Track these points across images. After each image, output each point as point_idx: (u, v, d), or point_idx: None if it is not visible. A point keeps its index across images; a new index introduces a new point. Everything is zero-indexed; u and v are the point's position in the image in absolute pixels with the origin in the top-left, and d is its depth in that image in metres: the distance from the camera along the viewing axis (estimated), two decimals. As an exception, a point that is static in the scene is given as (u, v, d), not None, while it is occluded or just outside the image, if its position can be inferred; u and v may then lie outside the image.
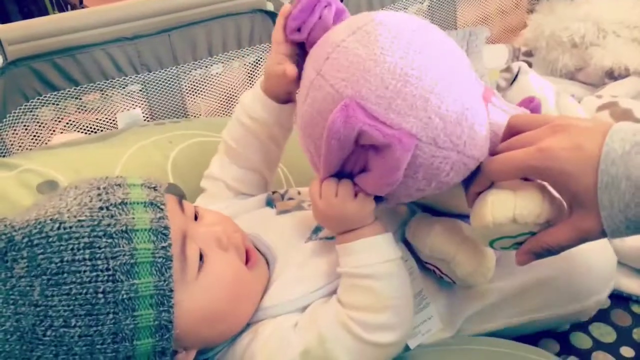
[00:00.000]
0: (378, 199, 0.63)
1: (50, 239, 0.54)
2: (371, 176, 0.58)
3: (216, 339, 0.64)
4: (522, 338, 0.77)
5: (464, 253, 0.67)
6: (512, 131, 0.61)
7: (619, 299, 0.88)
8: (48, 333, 0.53)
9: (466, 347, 0.70)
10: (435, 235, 0.68)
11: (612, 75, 1.28)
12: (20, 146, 1.01)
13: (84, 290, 0.53)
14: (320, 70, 0.59)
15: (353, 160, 0.59)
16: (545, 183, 0.58)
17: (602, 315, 0.85)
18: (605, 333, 0.82)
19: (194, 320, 0.60)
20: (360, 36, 0.57)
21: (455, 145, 0.57)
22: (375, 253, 0.62)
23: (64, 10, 2.06)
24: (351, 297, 0.62)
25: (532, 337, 0.81)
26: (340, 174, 0.61)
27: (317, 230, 0.72)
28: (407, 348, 0.68)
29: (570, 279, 0.76)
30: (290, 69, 0.71)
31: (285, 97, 0.76)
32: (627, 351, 0.79)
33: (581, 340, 0.81)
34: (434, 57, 0.56)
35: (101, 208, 0.56)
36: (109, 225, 0.55)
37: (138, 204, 0.58)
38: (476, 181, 0.61)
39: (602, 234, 0.54)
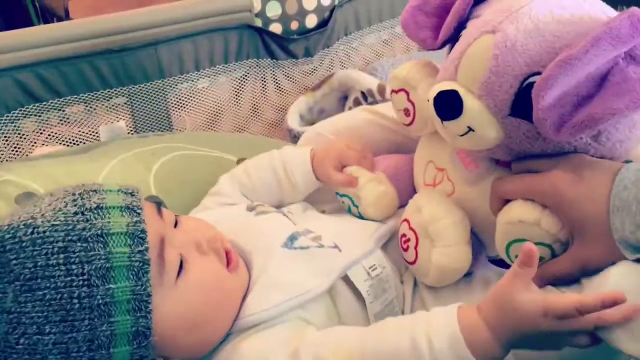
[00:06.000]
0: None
1: (24, 244, 0.53)
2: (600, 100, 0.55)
3: (196, 348, 0.62)
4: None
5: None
6: None
7: None
8: (21, 341, 0.51)
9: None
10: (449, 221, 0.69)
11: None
12: (-1, 157, 1.00)
13: (59, 296, 0.52)
14: None
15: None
16: None
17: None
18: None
19: (173, 327, 0.58)
20: None
21: None
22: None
23: (49, 23, 2.06)
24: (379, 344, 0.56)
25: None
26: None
27: (292, 238, 0.70)
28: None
29: None
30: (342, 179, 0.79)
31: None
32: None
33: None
34: None
35: (76, 213, 0.55)
36: (83, 229, 0.54)
37: (114, 208, 0.57)
38: (490, 198, 0.65)
39: (601, 265, 0.56)
